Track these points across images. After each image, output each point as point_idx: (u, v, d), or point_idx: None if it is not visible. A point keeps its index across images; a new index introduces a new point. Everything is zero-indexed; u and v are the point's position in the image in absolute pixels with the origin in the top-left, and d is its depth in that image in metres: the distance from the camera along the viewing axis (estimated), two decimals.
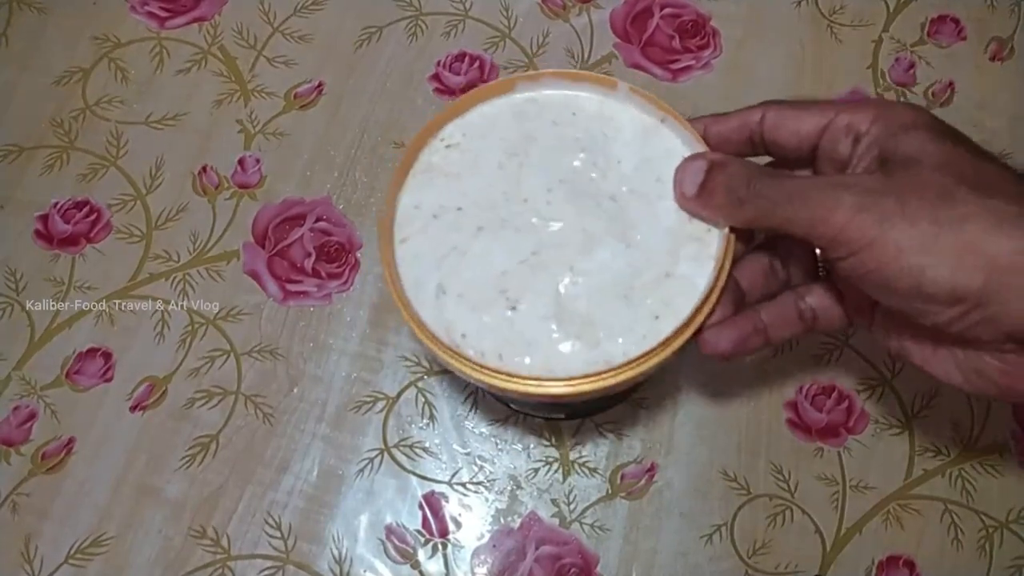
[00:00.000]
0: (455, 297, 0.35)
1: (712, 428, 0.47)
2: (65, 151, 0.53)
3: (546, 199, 0.36)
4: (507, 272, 0.35)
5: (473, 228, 0.36)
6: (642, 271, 0.35)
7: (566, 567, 0.45)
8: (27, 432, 0.47)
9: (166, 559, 0.44)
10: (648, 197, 0.36)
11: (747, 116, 0.35)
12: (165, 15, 0.58)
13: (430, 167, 0.38)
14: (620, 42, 0.57)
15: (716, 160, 0.34)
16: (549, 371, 0.33)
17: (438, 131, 0.38)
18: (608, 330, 0.34)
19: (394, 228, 0.37)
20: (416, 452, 0.47)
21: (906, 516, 0.46)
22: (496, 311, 0.35)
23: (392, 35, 0.57)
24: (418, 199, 0.37)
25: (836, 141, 0.33)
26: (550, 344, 0.34)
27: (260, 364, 0.48)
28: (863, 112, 0.32)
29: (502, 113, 0.39)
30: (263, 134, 0.54)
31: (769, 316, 0.36)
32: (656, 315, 0.34)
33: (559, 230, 0.36)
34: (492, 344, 0.34)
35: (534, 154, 0.38)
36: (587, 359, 0.33)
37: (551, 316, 0.34)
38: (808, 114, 0.34)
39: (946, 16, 0.58)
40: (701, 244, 0.35)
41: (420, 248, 0.36)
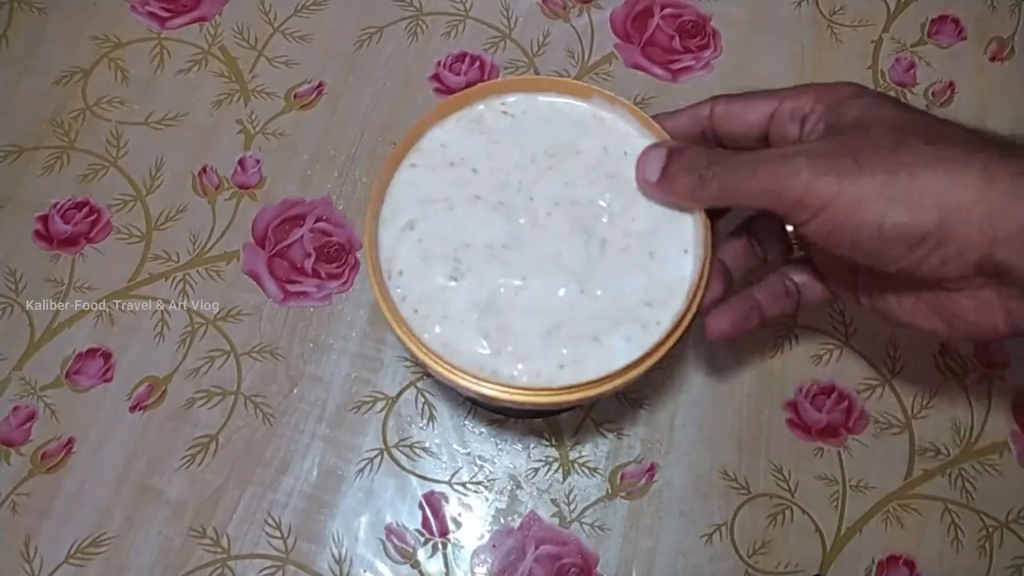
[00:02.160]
0: (416, 242, 0.36)
1: (712, 428, 0.47)
2: (65, 151, 0.53)
3: (547, 209, 0.37)
4: (471, 246, 0.36)
5: (471, 195, 0.37)
6: (576, 319, 0.35)
7: (566, 567, 0.45)
8: (27, 432, 0.47)
9: (166, 559, 0.44)
10: (632, 263, 0.36)
11: (696, 112, 0.37)
12: (165, 15, 0.58)
13: (481, 119, 0.39)
14: (620, 42, 0.57)
15: (675, 146, 0.35)
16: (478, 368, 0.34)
17: (505, 94, 0.39)
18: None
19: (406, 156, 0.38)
20: (416, 452, 0.47)
21: (906, 516, 0.46)
22: (439, 272, 0.36)
23: (392, 35, 0.57)
24: (449, 139, 0.38)
25: (784, 126, 0.35)
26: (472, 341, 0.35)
27: (260, 364, 0.48)
28: (805, 96, 0.34)
29: (570, 112, 0.39)
30: (263, 134, 0.54)
31: (761, 295, 0.39)
32: (566, 363, 0.35)
33: (538, 240, 0.36)
34: (423, 303, 0.35)
35: (570, 166, 0.38)
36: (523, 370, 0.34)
37: (480, 311, 0.35)
38: (754, 104, 0.35)
39: (946, 16, 0.58)
40: (641, 326, 0.35)
41: (413, 190, 0.37)
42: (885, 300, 0.35)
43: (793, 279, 0.39)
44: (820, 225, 0.30)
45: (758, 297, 0.38)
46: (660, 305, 0.35)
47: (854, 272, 0.37)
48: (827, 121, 0.33)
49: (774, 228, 0.39)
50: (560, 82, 0.39)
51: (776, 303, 0.39)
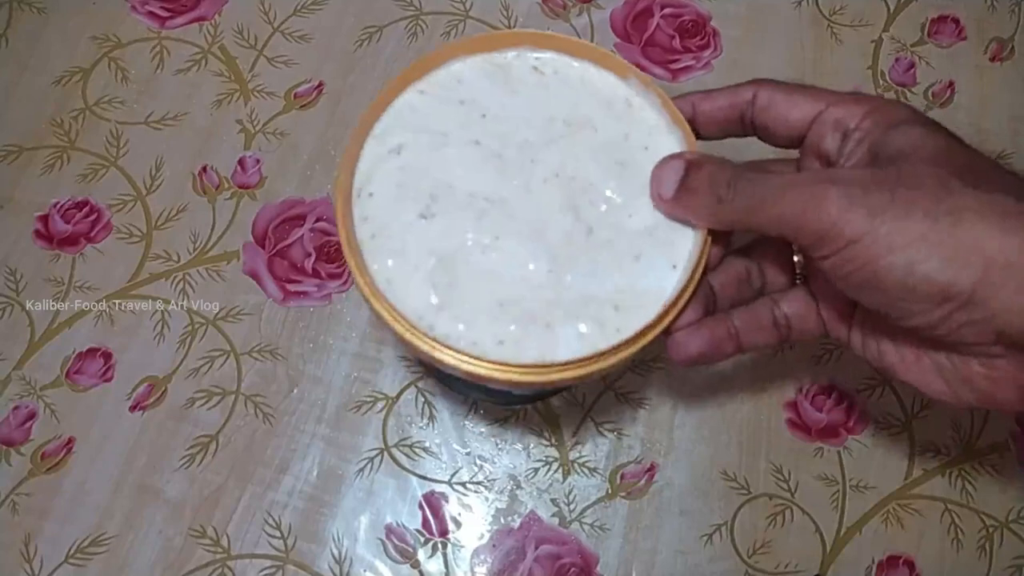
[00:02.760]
0: (397, 168, 0.34)
1: (712, 428, 0.47)
2: (65, 151, 0.53)
3: (544, 176, 0.35)
4: (452, 188, 0.34)
5: (471, 138, 0.35)
6: (534, 298, 0.33)
7: (566, 567, 0.45)
8: (27, 432, 0.47)
9: (166, 559, 0.44)
10: (613, 260, 0.34)
11: (737, 95, 0.34)
12: (165, 15, 0.58)
13: (509, 67, 0.37)
14: (620, 42, 0.57)
15: (694, 160, 0.32)
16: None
17: (542, 48, 0.37)
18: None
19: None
20: (416, 452, 0.47)
21: (906, 516, 0.46)
22: (410, 206, 0.34)
23: (392, 35, 0.57)
24: (468, 76, 0.37)
25: (823, 135, 0.32)
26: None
27: (260, 364, 0.48)
28: (854, 108, 0.31)
29: (602, 87, 0.36)
30: (263, 134, 0.54)
31: (742, 322, 0.35)
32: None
33: (524, 205, 0.34)
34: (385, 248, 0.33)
35: (583, 141, 0.35)
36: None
37: (439, 258, 0.33)
38: (799, 101, 0.32)
39: (946, 16, 0.58)
40: (599, 327, 0.32)
41: (412, 115, 0.36)
42: (882, 349, 0.32)
43: (784, 310, 0.35)
44: (841, 262, 0.28)
45: (737, 324, 0.34)
46: (628, 312, 0.32)
47: (854, 310, 0.34)
48: (871, 143, 0.30)
49: (781, 254, 0.36)
50: (601, 53, 0.36)
51: (759, 333, 0.35)
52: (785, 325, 0.35)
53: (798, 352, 0.49)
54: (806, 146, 0.33)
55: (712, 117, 0.35)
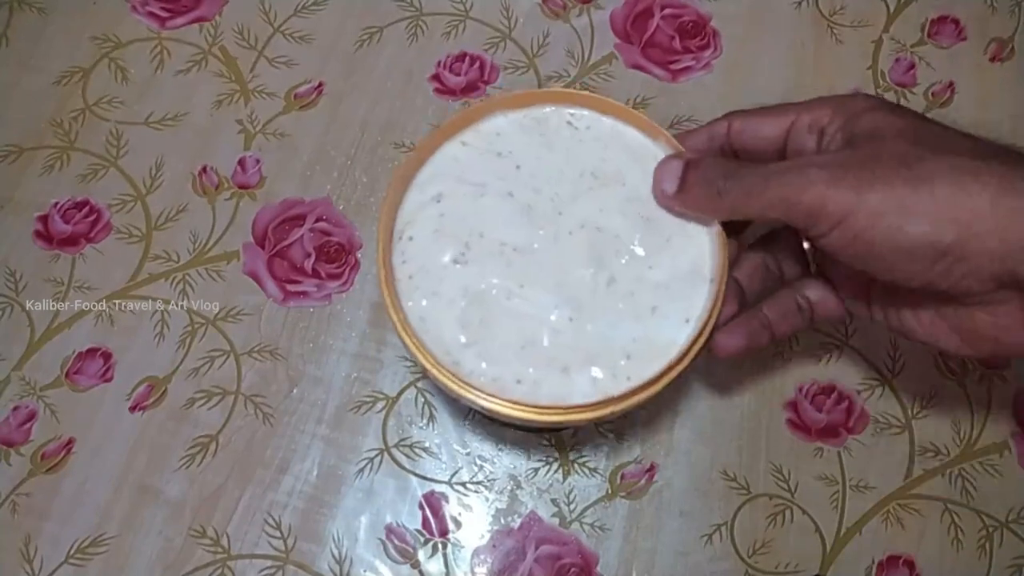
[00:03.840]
0: (437, 215, 0.37)
1: (712, 428, 0.47)
2: (65, 151, 0.53)
3: (571, 228, 0.37)
4: (484, 237, 0.37)
5: (506, 190, 0.37)
6: (555, 343, 0.35)
7: (566, 567, 0.45)
8: (27, 432, 0.47)
9: (166, 559, 0.44)
10: (631, 310, 0.36)
11: (714, 128, 0.37)
12: (166, 15, 0.58)
13: (545, 122, 0.39)
14: (620, 42, 0.57)
15: (692, 158, 0.35)
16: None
17: (578, 105, 0.39)
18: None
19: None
20: (416, 452, 0.47)
21: (906, 516, 0.46)
22: (446, 251, 0.36)
23: (392, 35, 0.57)
24: (506, 130, 0.39)
25: (802, 140, 0.35)
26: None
27: (260, 364, 0.48)
28: (822, 109, 0.34)
29: (631, 143, 0.39)
30: (263, 134, 0.54)
31: (772, 313, 0.38)
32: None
33: (550, 255, 0.36)
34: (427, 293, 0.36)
35: (611, 194, 0.37)
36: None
37: (469, 300, 0.36)
38: (769, 119, 0.36)
39: (946, 17, 0.58)
40: (611, 375, 0.34)
41: (454, 166, 0.38)
42: (902, 316, 0.35)
43: (806, 295, 0.39)
44: (839, 237, 0.30)
45: (768, 314, 0.38)
46: (639, 361, 0.35)
47: (869, 287, 0.36)
48: (844, 132, 0.33)
49: (791, 245, 0.39)
50: (634, 114, 0.39)
51: (787, 320, 0.38)
52: (809, 310, 0.39)
53: (798, 352, 0.49)
54: (789, 154, 0.36)
55: (695, 151, 0.38)
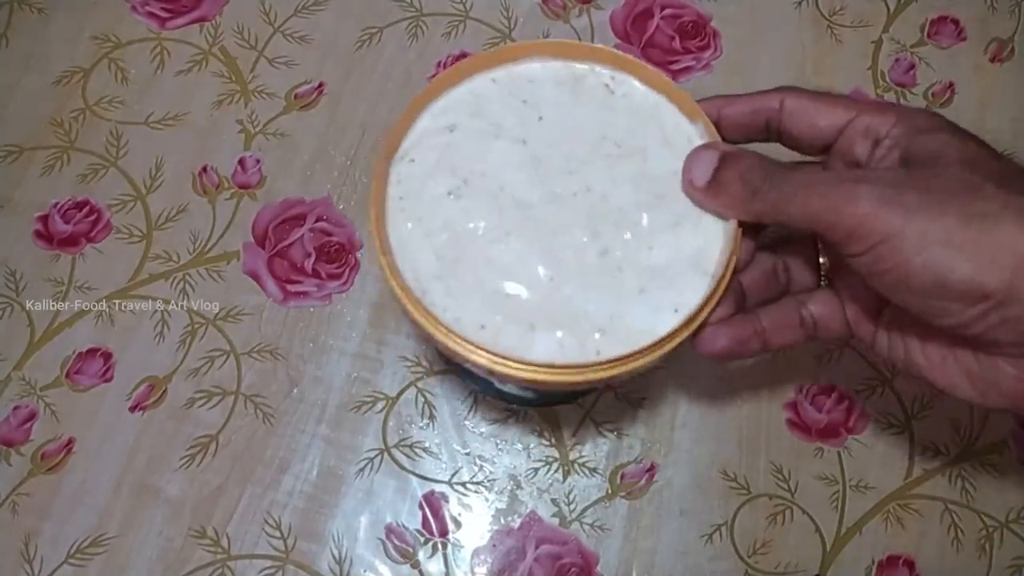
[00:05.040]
0: (444, 145, 0.36)
1: (712, 428, 0.47)
2: (65, 151, 0.53)
3: (575, 189, 0.35)
4: (486, 177, 0.35)
5: (520, 136, 0.36)
6: (529, 300, 0.34)
7: (566, 567, 0.45)
8: (27, 432, 0.47)
9: (166, 559, 0.44)
10: (616, 286, 0.34)
11: (764, 101, 0.34)
12: (166, 15, 0.58)
13: (582, 79, 0.38)
14: (620, 43, 0.57)
15: (729, 151, 0.33)
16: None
17: (620, 69, 0.37)
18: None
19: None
20: (416, 452, 0.47)
21: (906, 516, 0.46)
22: (444, 181, 0.35)
23: (392, 35, 0.57)
24: (539, 78, 0.38)
25: (853, 142, 0.32)
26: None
27: (260, 364, 0.48)
28: (885, 115, 0.31)
29: (666, 120, 0.37)
30: (263, 134, 0.54)
31: (769, 321, 0.35)
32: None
33: (548, 211, 0.35)
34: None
35: (629, 165, 0.36)
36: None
37: (450, 235, 0.34)
38: (829, 108, 0.33)
39: (946, 17, 0.58)
40: (579, 343, 0.33)
41: (475, 100, 0.37)
42: (909, 348, 0.33)
43: (811, 310, 0.36)
44: (874, 261, 0.28)
45: (765, 323, 0.35)
46: (610, 338, 0.33)
47: (880, 311, 0.34)
48: (903, 149, 0.30)
49: (806, 254, 0.37)
50: (677, 91, 0.36)
51: (785, 332, 0.35)
52: (811, 325, 0.36)
53: (798, 352, 0.49)
54: (834, 153, 0.33)
55: (736, 122, 0.35)
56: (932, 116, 0.31)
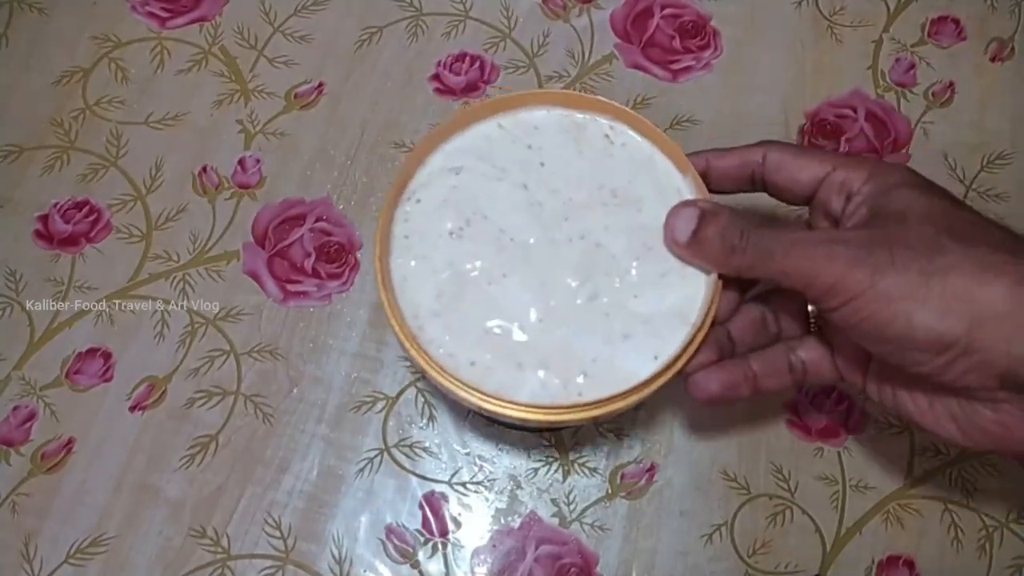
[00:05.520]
0: (450, 187, 0.37)
1: (712, 428, 0.47)
2: (65, 151, 0.53)
3: (570, 235, 0.37)
4: (487, 220, 0.37)
5: (522, 182, 0.38)
6: (519, 340, 0.35)
7: (566, 567, 0.45)
8: (27, 432, 0.47)
9: (166, 559, 0.44)
10: (602, 330, 0.35)
11: (748, 155, 0.36)
12: (166, 15, 0.58)
13: (583, 128, 0.39)
14: (620, 42, 0.57)
15: (708, 208, 0.34)
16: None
17: (619, 121, 0.39)
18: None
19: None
20: (416, 452, 0.47)
21: (906, 516, 0.46)
22: (448, 221, 0.37)
23: (392, 35, 0.57)
24: (544, 126, 0.39)
25: (830, 196, 0.34)
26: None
27: (260, 364, 0.48)
28: (857, 171, 0.33)
29: (659, 172, 0.38)
30: (263, 134, 0.54)
31: (759, 366, 0.37)
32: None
33: (542, 254, 0.36)
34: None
35: (622, 215, 0.37)
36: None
37: (452, 273, 0.36)
38: (808, 163, 0.35)
39: (946, 17, 0.58)
40: (562, 386, 0.34)
41: (483, 144, 0.39)
42: (897, 395, 0.34)
43: (800, 356, 0.37)
44: (848, 314, 0.30)
45: (756, 368, 0.37)
46: (593, 381, 0.34)
47: (868, 360, 0.36)
48: (871, 205, 0.32)
49: (794, 304, 0.38)
50: (670, 144, 0.38)
51: (775, 377, 0.37)
52: (801, 370, 0.38)
53: None
54: (815, 205, 0.35)
55: (724, 174, 0.37)
56: (900, 171, 0.33)
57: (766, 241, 0.32)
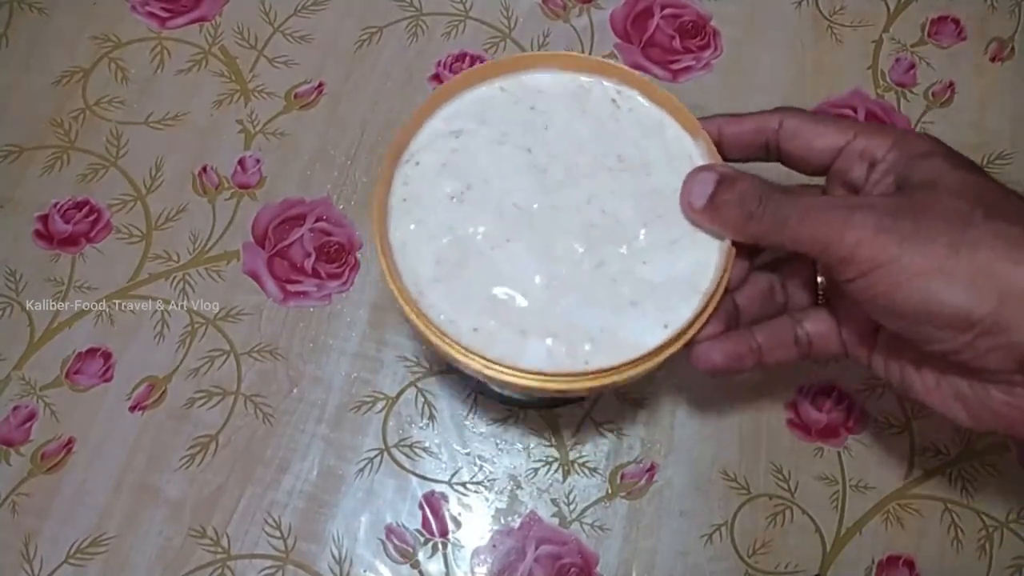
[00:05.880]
0: (450, 150, 0.36)
1: (712, 428, 0.47)
2: (65, 151, 0.53)
3: (575, 201, 0.36)
4: (488, 183, 0.36)
5: (525, 145, 0.37)
6: (522, 306, 0.34)
7: (566, 567, 0.45)
8: (27, 432, 0.47)
9: (166, 559, 0.44)
10: (610, 299, 0.34)
11: (764, 121, 0.35)
12: (166, 15, 0.58)
13: (588, 91, 0.38)
14: (620, 42, 0.57)
15: (727, 173, 0.33)
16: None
17: (626, 84, 0.38)
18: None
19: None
20: (416, 452, 0.47)
21: (906, 516, 0.46)
22: (448, 184, 0.35)
23: (392, 35, 0.57)
24: (548, 89, 0.38)
25: (851, 164, 0.32)
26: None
27: (260, 364, 0.48)
28: (881, 138, 0.32)
29: (670, 135, 0.37)
30: (263, 134, 0.54)
31: (764, 338, 0.36)
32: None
33: (547, 220, 0.35)
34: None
35: (630, 180, 0.36)
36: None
37: (452, 239, 0.35)
38: (826, 130, 0.33)
39: (946, 17, 0.58)
40: (567, 352, 0.33)
41: (483, 108, 0.38)
42: (904, 371, 0.33)
43: (807, 328, 0.36)
44: (867, 286, 0.28)
45: (760, 340, 0.35)
46: (599, 350, 0.33)
47: (876, 333, 0.34)
48: (898, 174, 0.30)
49: (803, 273, 0.37)
50: (681, 110, 0.37)
51: (780, 350, 0.36)
52: (807, 343, 0.36)
53: None
54: (832, 174, 0.34)
55: (737, 141, 0.35)
56: (928, 140, 0.31)
57: (784, 206, 0.30)
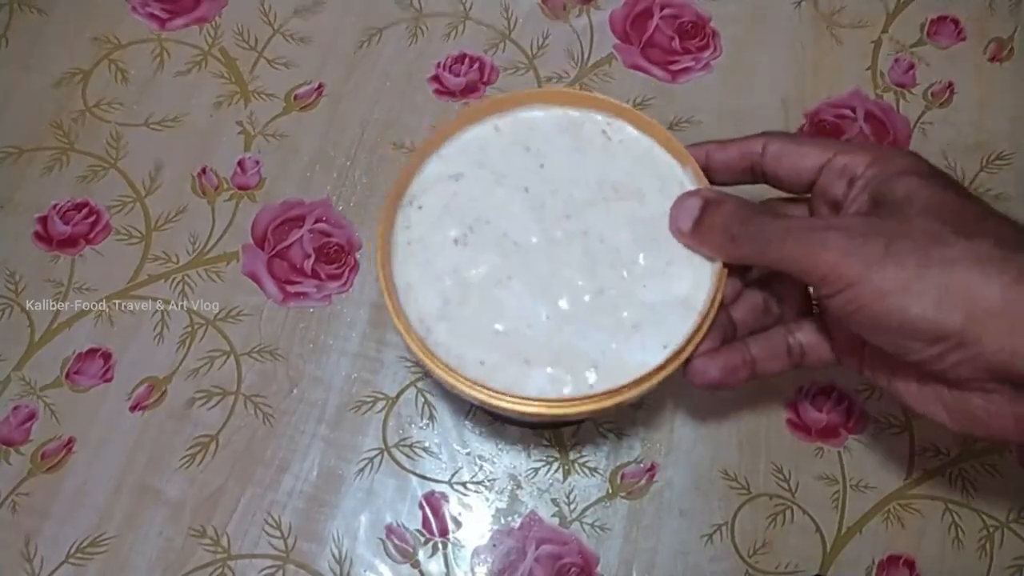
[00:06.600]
0: (451, 194, 0.37)
1: (712, 428, 0.47)
2: (65, 153, 0.53)
3: (573, 232, 0.37)
4: (490, 224, 0.37)
5: (523, 184, 0.38)
6: (526, 338, 0.35)
7: (566, 567, 0.45)
8: (27, 432, 0.47)
9: (166, 559, 0.44)
10: (612, 323, 0.35)
11: (748, 146, 0.36)
12: (166, 16, 0.58)
13: (580, 126, 0.39)
14: (620, 43, 0.57)
15: (711, 197, 0.35)
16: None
17: (617, 117, 0.39)
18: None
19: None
20: (416, 452, 0.47)
21: (906, 516, 0.46)
22: (451, 228, 0.37)
23: (392, 36, 0.57)
24: (541, 125, 0.39)
25: (832, 181, 0.34)
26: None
27: (260, 365, 0.48)
28: (860, 155, 0.33)
29: (660, 163, 0.38)
30: (263, 135, 0.54)
31: (758, 350, 0.37)
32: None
33: (546, 254, 0.36)
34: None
35: (625, 208, 0.37)
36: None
37: (455, 280, 0.36)
38: (808, 151, 0.35)
39: (946, 17, 0.58)
40: (571, 378, 0.34)
41: (480, 148, 0.39)
42: (892, 379, 0.34)
43: (799, 339, 0.37)
44: (843, 302, 0.30)
45: (754, 352, 0.37)
46: (604, 374, 0.34)
47: (864, 345, 0.36)
48: (874, 191, 0.32)
49: (796, 288, 0.38)
50: (669, 139, 0.38)
51: (774, 361, 0.37)
52: (799, 353, 0.38)
53: None
54: (816, 191, 0.35)
55: (724, 166, 0.37)
56: (903, 157, 0.32)
57: (765, 229, 0.32)
